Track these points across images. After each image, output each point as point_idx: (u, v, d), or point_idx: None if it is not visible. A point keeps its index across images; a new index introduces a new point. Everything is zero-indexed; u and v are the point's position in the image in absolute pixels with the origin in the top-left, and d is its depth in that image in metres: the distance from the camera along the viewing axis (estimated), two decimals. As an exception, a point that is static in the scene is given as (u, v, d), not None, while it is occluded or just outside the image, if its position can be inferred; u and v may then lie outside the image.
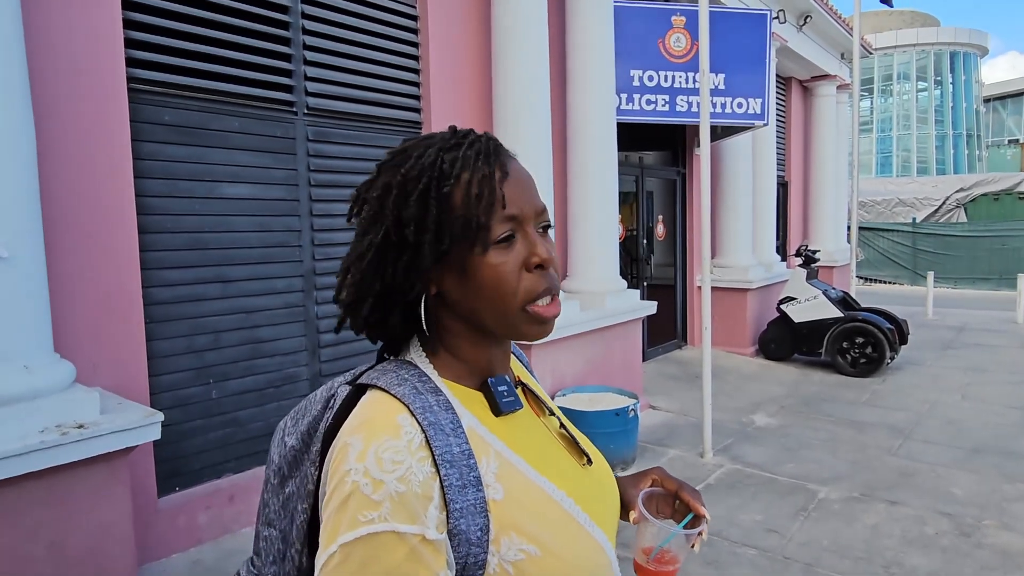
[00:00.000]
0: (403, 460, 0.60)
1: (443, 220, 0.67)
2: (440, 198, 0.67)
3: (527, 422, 0.77)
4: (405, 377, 0.69)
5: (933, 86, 33.64)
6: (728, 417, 5.08)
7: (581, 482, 0.75)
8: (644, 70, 5.46)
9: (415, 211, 0.67)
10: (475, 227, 0.66)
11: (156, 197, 2.88)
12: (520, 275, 0.69)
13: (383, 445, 0.61)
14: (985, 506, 3.50)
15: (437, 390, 0.68)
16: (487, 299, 0.69)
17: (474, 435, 0.67)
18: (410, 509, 0.59)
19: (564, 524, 0.68)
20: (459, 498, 0.62)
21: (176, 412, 2.91)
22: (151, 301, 2.84)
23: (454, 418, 0.66)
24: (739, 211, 7.37)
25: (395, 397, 0.65)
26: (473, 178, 0.67)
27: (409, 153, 0.71)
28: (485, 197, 0.67)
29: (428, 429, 0.63)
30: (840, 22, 8.94)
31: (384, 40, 3.78)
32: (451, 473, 0.62)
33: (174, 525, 2.86)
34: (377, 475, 0.59)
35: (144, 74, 2.80)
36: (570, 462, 0.77)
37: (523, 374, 0.87)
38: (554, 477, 0.71)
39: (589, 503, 0.73)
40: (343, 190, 3.58)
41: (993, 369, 6.63)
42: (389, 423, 0.63)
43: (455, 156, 0.69)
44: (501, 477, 0.66)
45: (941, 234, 15.92)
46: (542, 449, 0.75)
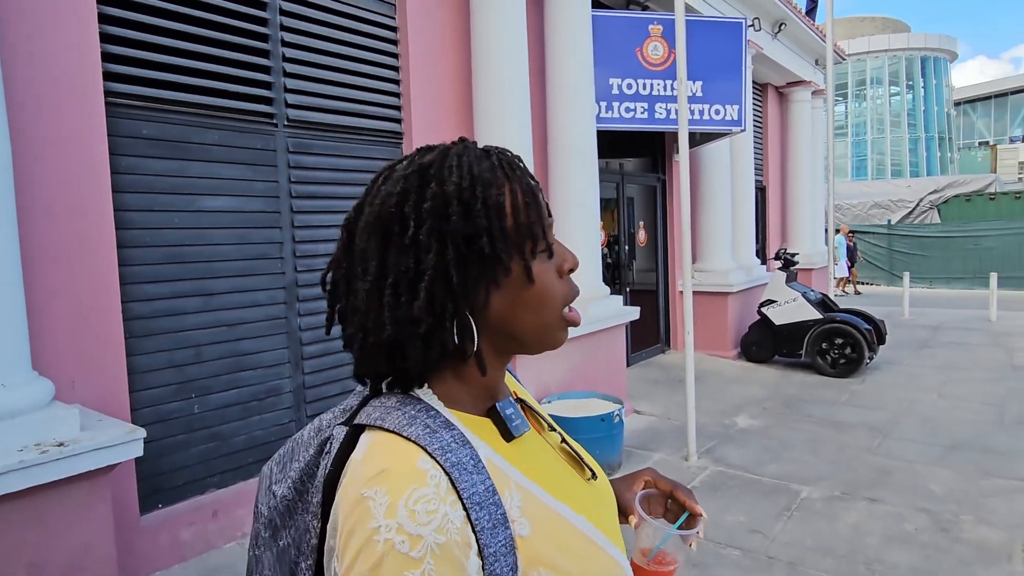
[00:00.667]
0: (437, 509, 0.56)
1: (496, 231, 0.64)
2: (498, 207, 0.65)
3: (533, 442, 0.73)
4: (413, 415, 0.63)
5: (905, 90, 34.33)
6: (711, 420, 5.13)
7: (590, 498, 0.73)
8: (623, 78, 5.52)
9: (483, 221, 0.64)
10: (530, 235, 0.66)
11: (135, 211, 2.86)
12: (558, 282, 0.69)
13: (412, 496, 0.56)
14: (962, 501, 3.57)
15: (449, 424, 0.63)
16: (535, 308, 0.67)
17: (493, 467, 0.63)
18: (454, 560, 0.56)
19: (587, 551, 0.66)
20: (492, 541, 0.58)
21: (158, 427, 2.88)
22: (131, 316, 2.82)
23: (472, 453, 0.62)
24: (718, 216, 7.46)
25: (408, 439, 0.60)
26: (518, 187, 0.67)
27: (446, 163, 0.66)
28: (533, 206, 0.66)
29: (452, 471, 0.59)
30: (814, 29, 9.12)
31: (364, 51, 3.80)
32: (481, 515, 0.58)
33: (157, 542, 2.82)
34: (414, 530, 0.55)
35: (122, 88, 2.79)
36: (576, 479, 0.75)
37: (517, 388, 0.83)
38: (570, 500, 0.69)
39: (601, 519, 0.71)
40: (324, 201, 3.58)
41: (968, 367, 6.77)
42: (412, 471, 0.58)
43: (491, 164, 0.67)
44: (526, 511, 0.63)
45: (916, 235, 16.23)
46: (552, 471, 0.72)
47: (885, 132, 34.37)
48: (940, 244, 15.60)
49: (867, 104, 34.96)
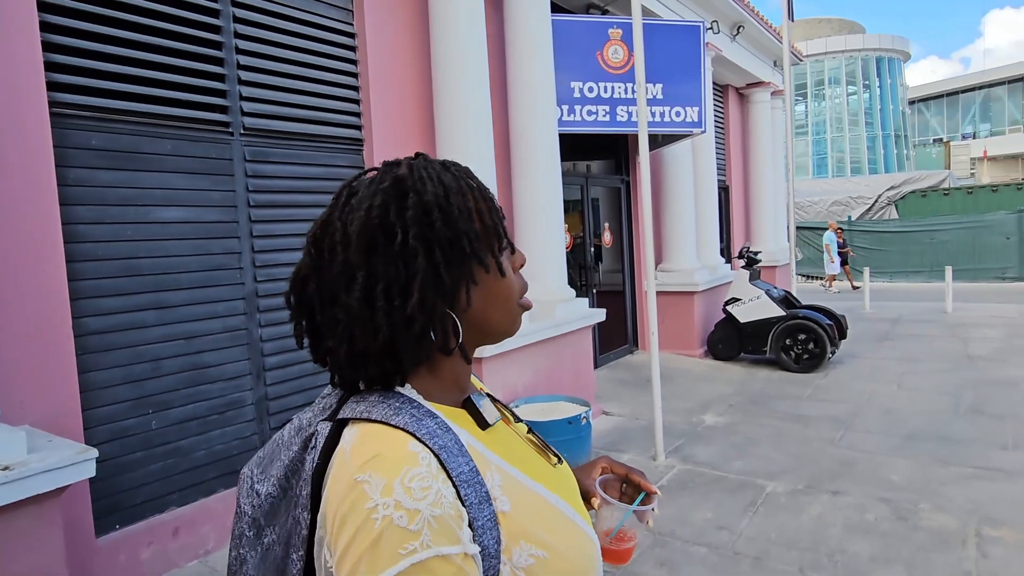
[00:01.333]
0: (431, 485, 0.61)
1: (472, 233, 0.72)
2: (469, 212, 0.72)
3: (505, 432, 0.79)
4: (397, 407, 0.68)
5: (862, 90, 35.29)
6: (679, 418, 5.19)
7: (558, 480, 0.79)
8: (584, 82, 5.56)
9: (463, 224, 0.70)
10: (496, 235, 0.74)
11: (86, 224, 2.78)
12: (515, 275, 0.78)
13: (407, 475, 0.60)
14: (921, 490, 3.67)
15: (432, 414, 0.68)
16: (503, 300, 0.75)
17: (475, 452, 0.69)
18: (449, 531, 0.60)
19: (562, 524, 0.72)
20: (479, 515, 0.63)
21: (113, 445, 2.81)
22: (83, 331, 2.74)
23: (456, 438, 0.67)
24: (683, 216, 7.56)
25: (397, 427, 0.65)
26: (479, 194, 0.74)
27: (418, 174, 0.72)
28: (493, 209, 0.75)
29: (440, 453, 0.64)
30: (771, 31, 9.31)
31: (322, 58, 3.76)
32: (469, 492, 0.63)
33: (115, 564, 2.75)
34: (411, 505, 0.59)
35: (68, 98, 2.72)
36: (544, 463, 0.81)
37: (481, 386, 0.89)
38: (543, 480, 0.75)
39: (570, 498, 0.77)
40: (284, 210, 3.54)
41: (926, 359, 6.96)
42: (405, 453, 0.62)
43: (453, 175, 0.74)
44: (506, 490, 0.68)
45: (875, 231, 16.66)
46: (524, 456, 0.78)
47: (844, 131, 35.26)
48: (898, 239, 16.05)
49: (826, 103, 35.84)
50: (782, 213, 10.99)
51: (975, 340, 7.77)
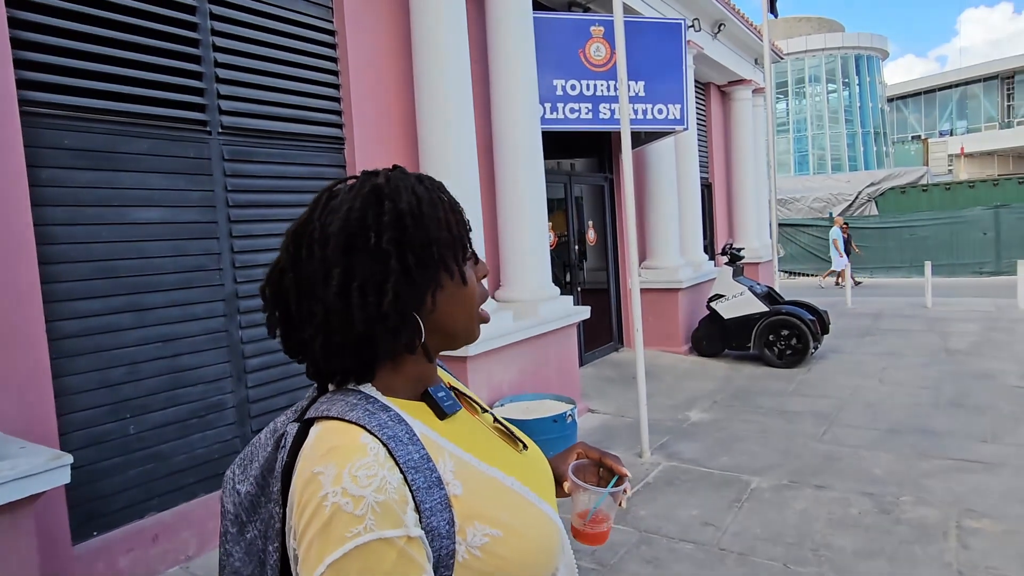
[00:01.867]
0: (376, 473, 0.66)
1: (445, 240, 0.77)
2: (438, 221, 0.77)
3: (467, 422, 0.85)
4: (353, 403, 0.73)
5: (842, 87, 35.66)
6: (664, 415, 5.20)
7: (521, 465, 0.84)
8: (567, 79, 5.55)
9: (433, 232, 0.76)
10: (462, 245, 0.79)
11: (60, 225, 2.72)
12: (477, 284, 0.83)
13: (355, 465, 0.66)
14: (903, 483, 3.71)
15: (386, 407, 0.74)
16: (465, 306, 0.80)
17: (427, 440, 0.74)
18: (392, 515, 0.64)
19: (518, 504, 0.77)
20: (427, 498, 0.68)
21: (90, 451, 2.75)
22: (58, 335, 2.68)
23: (407, 429, 0.72)
24: (666, 213, 7.58)
25: (351, 422, 0.70)
26: (448, 206, 0.79)
27: (394, 185, 0.76)
28: (461, 221, 0.80)
29: (388, 442, 0.69)
30: (752, 29, 9.36)
31: (301, 56, 3.71)
32: (417, 477, 0.68)
33: (93, 572, 2.69)
34: (356, 492, 0.64)
35: (40, 96, 2.66)
36: (508, 449, 0.86)
37: (450, 380, 0.94)
38: (501, 465, 0.79)
39: (532, 481, 0.82)
40: (264, 209, 3.49)
41: (907, 353, 7.05)
42: (355, 445, 0.68)
43: (426, 187, 0.78)
44: (458, 474, 0.73)
45: (856, 227, 16.83)
46: (485, 443, 0.83)
47: (824, 128, 35.62)
48: (878, 235, 16.24)
49: (807, 101, 36.17)
50: (764, 210, 11.07)
51: (954, 334, 7.88)
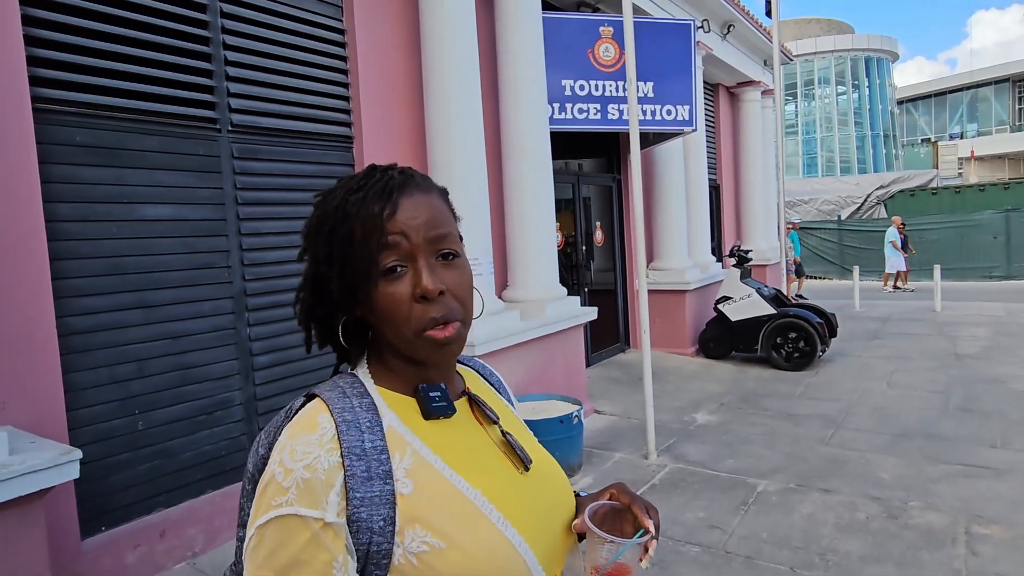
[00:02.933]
0: (312, 451, 0.68)
1: (345, 256, 0.75)
2: (343, 237, 0.75)
3: (464, 428, 0.81)
4: (339, 384, 0.77)
5: (851, 90, 35.49)
6: (671, 417, 5.19)
7: (511, 487, 0.79)
8: (575, 80, 5.55)
9: (324, 248, 0.76)
10: (366, 261, 0.74)
11: (70, 222, 2.74)
12: (411, 304, 0.75)
13: (299, 439, 0.69)
14: (911, 488, 3.68)
15: (364, 394, 0.76)
16: (387, 325, 0.76)
17: (393, 433, 0.73)
18: (313, 494, 0.66)
19: (473, 520, 0.72)
20: (362, 488, 0.68)
21: (99, 447, 2.77)
22: (67, 331, 2.70)
23: (373, 418, 0.73)
24: (674, 215, 7.56)
25: (323, 401, 0.73)
26: (365, 216, 0.74)
27: (328, 196, 0.79)
28: (372, 234, 0.74)
29: (341, 425, 0.70)
30: (761, 31, 9.33)
31: (311, 54, 3.72)
32: (357, 465, 0.68)
33: (100, 567, 2.70)
34: (289, 464, 0.67)
35: (52, 93, 2.67)
36: (505, 468, 0.81)
37: (479, 386, 0.92)
38: (473, 477, 0.75)
39: (514, 506, 0.76)
40: (273, 207, 3.50)
41: (915, 357, 7.00)
42: (310, 422, 0.71)
43: (356, 198, 0.76)
44: (412, 473, 0.71)
45: (864, 230, 16.76)
46: (472, 453, 0.79)
47: (833, 130, 35.46)
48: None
49: (816, 103, 36.02)
50: (772, 212, 11.03)
51: (963, 339, 7.82)
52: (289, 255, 3.51)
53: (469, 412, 0.85)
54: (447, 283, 0.76)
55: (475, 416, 0.85)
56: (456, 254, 0.79)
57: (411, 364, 0.79)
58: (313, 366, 3.59)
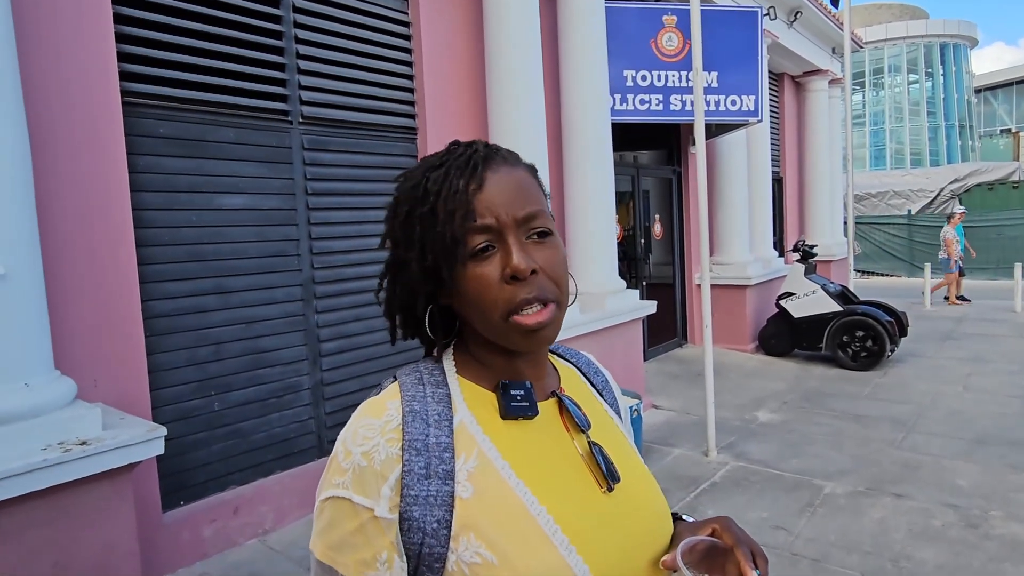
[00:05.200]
0: (372, 437, 0.66)
1: (426, 238, 0.70)
2: (423, 217, 0.70)
3: (546, 433, 0.74)
4: (419, 369, 0.74)
5: (924, 78, 33.72)
6: (731, 414, 5.07)
7: (586, 507, 0.70)
8: (637, 70, 5.46)
9: (402, 231, 0.72)
10: (451, 242, 0.68)
11: (154, 210, 2.87)
12: (500, 286, 0.69)
13: (363, 422, 0.67)
14: (991, 497, 3.50)
15: (441, 383, 0.72)
16: (474, 310, 0.71)
17: (463, 431, 0.69)
18: (366, 483, 0.64)
19: (533, 540, 0.65)
20: (417, 486, 0.64)
21: (179, 425, 2.90)
22: (151, 314, 2.83)
23: (444, 411, 0.69)
24: (735, 208, 7.38)
25: (399, 385, 0.72)
26: (447, 194, 0.69)
27: (407, 175, 0.75)
28: (457, 211, 0.68)
29: (407, 415, 0.67)
30: (830, 17, 8.97)
31: (377, 47, 3.78)
32: (415, 460, 0.65)
33: (179, 540, 2.84)
34: (350, 446, 0.66)
35: (138, 87, 2.80)
36: (584, 484, 0.72)
37: (576, 388, 0.83)
38: (542, 492, 0.68)
39: (584, 529, 0.68)
40: (340, 198, 3.58)
41: (994, 359, 6.64)
42: (380, 406, 0.69)
43: (438, 175, 0.71)
44: (474, 476, 0.66)
45: (937, 225, 15.91)
46: (549, 463, 0.72)
47: (904, 121, 33.80)
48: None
49: (885, 92, 34.40)
50: (838, 206, 10.61)
51: (1047, 341, 7.37)
52: (355, 245, 3.59)
53: (556, 416, 0.76)
54: (540, 262, 0.69)
55: (563, 421, 0.76)
56: (549, 231, 0.72)
57: (500, 355, 0.74)
58: (378, 353, 3.66)
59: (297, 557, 2.95)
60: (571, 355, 0.91)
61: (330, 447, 0.90)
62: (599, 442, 0.76)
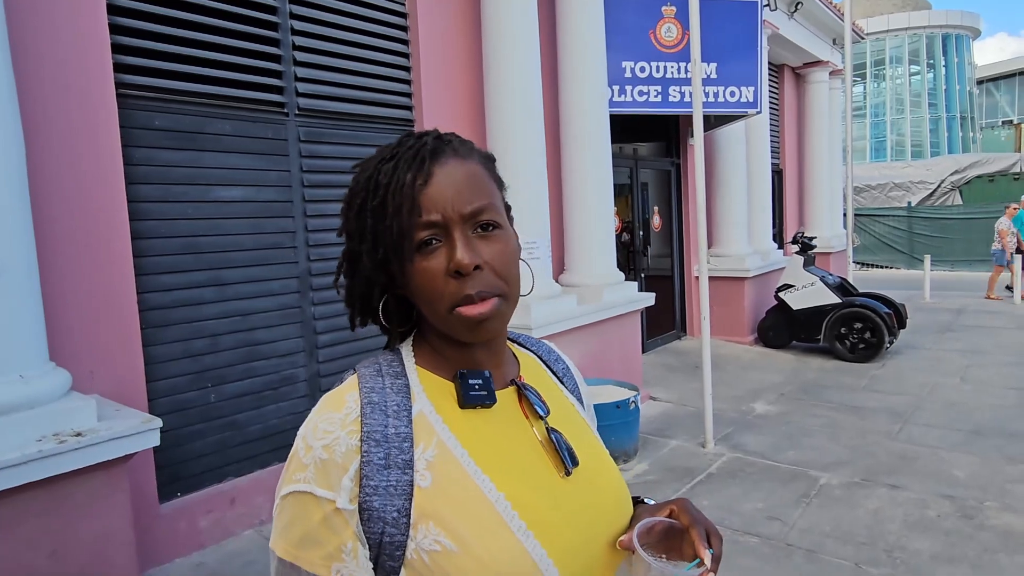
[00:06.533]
0: (333, 431, 0.66)
1: (377, 230, 0.70)
2: (373, 210, 0.70)
3: (505, 422, 0.75)
4: (378, 361, 0.74)
5: (926, 69, 33.55)
6: (728, 406, 5.08)
7: (545, 493, 0.71)
8: (636, 61, 5.44)
9: (355, 223, 0.73)
10: (397, 236, 0.69)
11: (149, 202, 2.86)
12: (445, 280, 0.69)
13: (323, 416, 0.67)
14: (987, 488, 3.51)
15: (400, 374, 0.72)
16: (423, 302, 0.72)
17: (422, 420, 0.69)
18: (328, 476, 0.65)
19: (490, 527, 0.66)
20: (377, 476, 0.65)
21: (175, 417, 2.91)
22: (147, 306, 2.84)
23: (402, 401, 0.69)
24: (734, 200, 7.36)
25: (358, 377, 0.72)
26: (395, 188, 0.69)
27: (362, 166, 0.75)
28: (404, 205, 0.69)
29: (366, 407, 0.67)
30: (831, 7, 8.92)
31: (374, 39, 3.76)
32: (375, 451, 0.65)
33: (176, 530, 2.86)
34: (310, 441, 0.66)
35: (133, 79, 2.79)
36: (543, 470, 0.73)
37: (536, 374, 0.84)
38: (501, 479, 0.68)
39: (542, 514, 0.69)
40: (336, 190, 3.57)
41: (992, 351, 6.65)
42: (339, 399, 0.69)
43: (388, 167, 0.71)
44: (434, 465, 0.67)
45: (937, 217, 15.94)
46: (507, 450, 0.72)
47: (905, 112, 33.68)
48: (962, 226, 15.30)
49: (886, 84, 34.25)
50: (838, 198, 10.59)
51: (1046, 333, 7.37)
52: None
53: (516, 404, 0.77)
54: (486, 257, 0.69)
55: (522, 409, 0.77)
56: (496, 225, 0.71)
57: (455, 345, 0.74)
58: (374, 345, 3.67)
59: (294, 548, 2.96)
60: (531, 344, 0.92)
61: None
62: (558, 428, 0.77)
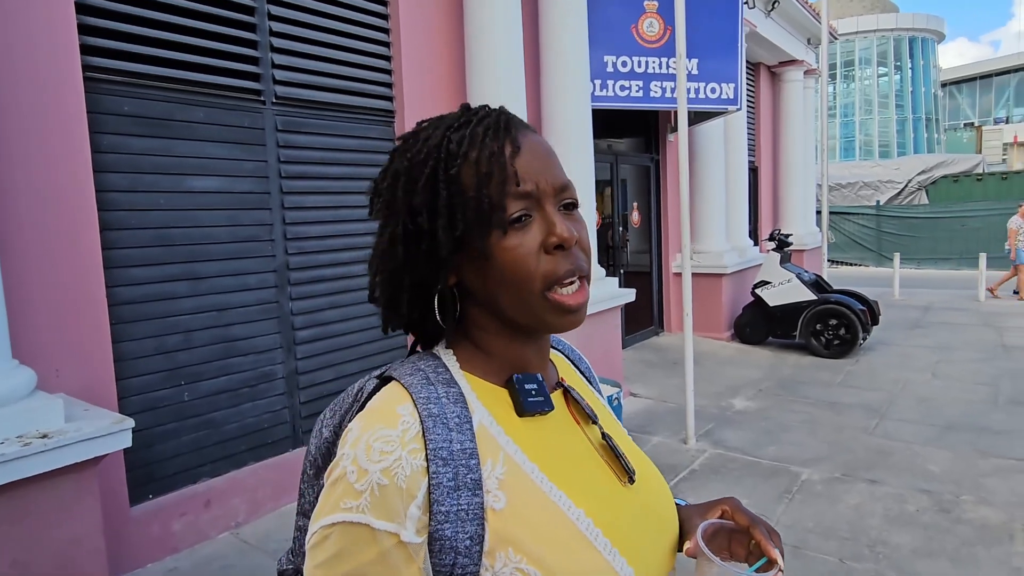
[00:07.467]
0: (392, 451, 0.57)
1: (455, 203, 0.62)
2: (449, 180, 0.62)
3: (560, 428, 0.70)
4: (420, 367, 0.65)
5: (893, 71, 34.31)
6: (708, 402, 5.10)
7: (614, 503, 0.67)
8: (618, 56, 5.41)
9: (424, 197, 0.63)
10: (487, 208, 0.61)
11: (119, 192, 2.74)
12: (539, 257, 0.63)
13: (376, 433, 0.58)
14: (961, 482, 3.57)
15: (451, 382, 0.64)
16: (507, 285, 0.63)
17: (484, 434, 0.62)
18: (389, 505, 0.56)
19: (576, 548, 0.60)
20: (447, 500, 0.57)
21: (147, 416, 2.79)
22: (116, 301, 2.71)
23: (462, 412, 0.61)
24: (712, 197, 7.40)
25: (403, 387, 0.62)
26: (481, 156, 0.62)
27: (418, 136, 0.66)
28: (495, 175, 0.61)
29: (427, 421, 0.59)
30: (807, 7, 9.02)
31: (354, 27, 3.66)
32: (443, 471, 0.57)
33: (148, 534, 2.74)
34: (364, 463, 0.56)
35: (101, 62, 2.66)
36: (606, 479, 0.69)
37: (572, 377, 0.80)
38: (575, 493, 0.64)
39: (619, 528, 0.65)
40: (315, 181, 3.47)
41: (960, 347, 6.79)
42: (389, 412, 0.60)
43: (463, 135, 0.64)
44: (506, 484, 0.60)
45: (904, 216, 16.30)
46: (571, 460, 0.67)
47: (873, 113, 34.40)
48: (928, 225, 15.67)
49: (855, 85, 34.94)
50: (811, 196, 10.74)
51: (1011, 329, 7.57)
52: (331, 230, 3.49)
53: (565, 408, 0.72)
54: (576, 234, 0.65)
55: (571, 413, 0.72)
56: (576, 204, 0.67)
57: (511, 342, 0.68)
58: (354, 341, 3.58)
59: (271, 550, 2.88)
60: (557, 343, 0.86)
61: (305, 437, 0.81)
62: (608, 433, 0.72)
